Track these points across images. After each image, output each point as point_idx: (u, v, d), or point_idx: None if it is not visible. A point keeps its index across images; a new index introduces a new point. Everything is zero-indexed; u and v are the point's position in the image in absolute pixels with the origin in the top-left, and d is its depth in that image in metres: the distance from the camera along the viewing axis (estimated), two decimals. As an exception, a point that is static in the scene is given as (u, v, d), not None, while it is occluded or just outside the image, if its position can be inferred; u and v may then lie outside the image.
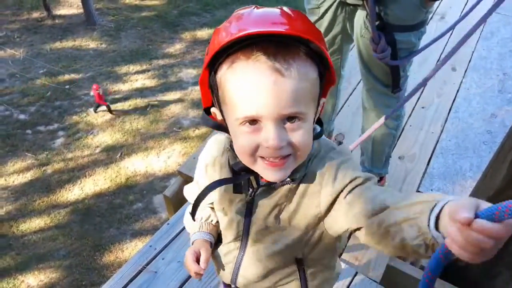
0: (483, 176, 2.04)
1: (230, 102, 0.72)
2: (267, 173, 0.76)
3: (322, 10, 1.82)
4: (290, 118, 0.71)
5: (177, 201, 2.39)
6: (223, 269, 1.03)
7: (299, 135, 0.73)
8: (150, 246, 1.95)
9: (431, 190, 2.46)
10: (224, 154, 0.90)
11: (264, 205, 0.87)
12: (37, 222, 3.53)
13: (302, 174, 0.82)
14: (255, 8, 0.74)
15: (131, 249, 3.33)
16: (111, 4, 6.45)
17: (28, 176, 3.89)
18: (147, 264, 1.86)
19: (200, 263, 0.96)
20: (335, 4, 1.79)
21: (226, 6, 6.54)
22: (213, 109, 0.81)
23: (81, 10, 5.97)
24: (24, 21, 5.94)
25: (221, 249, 1.02)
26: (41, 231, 3.47)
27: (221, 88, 0.73)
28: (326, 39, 1.91)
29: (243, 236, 0.93)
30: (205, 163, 0.95)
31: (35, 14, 5.96)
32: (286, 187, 0.84)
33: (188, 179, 2.45)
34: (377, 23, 1.61)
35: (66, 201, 3.69)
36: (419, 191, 2.44)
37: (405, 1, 1.60)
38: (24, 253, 3.32)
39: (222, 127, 0.81)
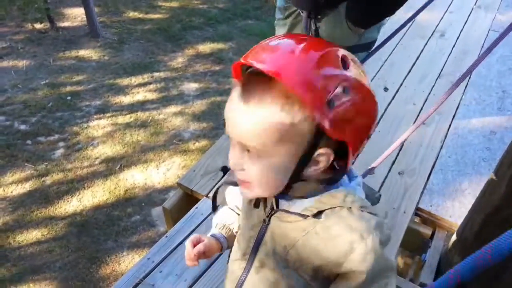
0: (481, 193, 2.05)
1: None
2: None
3: (288, 12, 1.90)
4: (247, 148, 0.73)
5: (176, 213, 2.38)
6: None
7: (253, 167, 0.74)
8: (148, 258, 1.94)
9: (431, 206, 2.45)
10: None
11: (277, 230, 0.85)
12: (34, 234, 3.50)
13: (319, 216, 0.79)
14: (281, 39, 0.76)
15: (128, 262, 3.30)
16: (115, 17, 6.52)
17: (26, 186, 3.88)
18: (145, 277, 1.84)
19: (194, 248, 0.97)
20: (298, 12, 1.86)
21: (228, 21, 6.61)
22: None
23: (85, 23, 6.03)
24: (28, 32, 5.99)
25: (230, 265, 1.00)
26: (38, 243, 3.45)
27: None
28: None
29: (250, 254, 0.90)
30: None
31: (39, 26, 6.01)
32: (303, 224, 0.81)
33: (188, 191, 2.44)
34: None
35: (64, 212, 3.68)
36: (419, 207, 2.43)
37: (335, 21, 1.64)
38: (20, 264, 3.29)
39: None
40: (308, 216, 0.79)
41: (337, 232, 0.77)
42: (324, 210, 0.79)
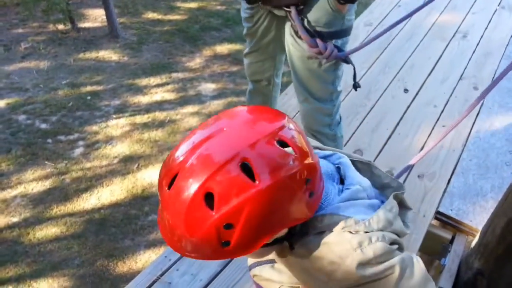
0: (504, 196, 2.00)
1: None
2: None
3: (255, 18, 1.90)
4: None
5: (193, 213, 2.38)
6: None
7: None
8: (165, 257, 1.95)
9: (451, 210, 2.41)
10: None
11: None
12: (53, 231, 3.56)
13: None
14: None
15: (145, 261, 3.33)
16: (135, 18, 6.59)
17: (46, 184, 3.95)
18: (162, 274, 1.85)
19: None
20: (267, 12, 1.86)
21: (246, 22, 6.62)
22: None
23: (105, 24, 6.11)
24: (50, 33, 6.10)
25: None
26: (57, 240, 3.50)
27: None
28: (259, 45, 2.01)
29: None
30: None
31: (60, 27, 6.12)
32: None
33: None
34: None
35: (82, 210, 3.73)
36: (439, 211, 2.39)
37: (319, 8, 1.65)
38: (40, 260, 3.34)
39: None
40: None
41: (319, 254, 0.80)
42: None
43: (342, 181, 0.90)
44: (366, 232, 0.78)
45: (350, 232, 0.78)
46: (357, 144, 2.61)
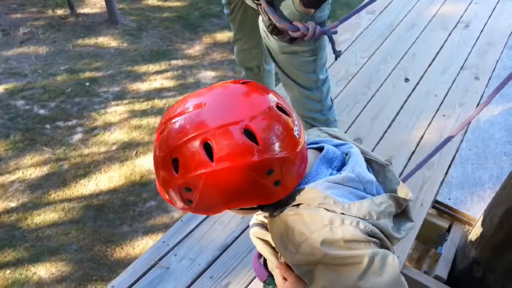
0: (502, 186, 2.00)
1: None
2: None
3: (232, 5, 1.89)
4: None
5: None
6: None
7: None
8: (163, 242, 1.95)
9: (449, 199, 2.41)
10: None
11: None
12: (51, 216, 3.56)
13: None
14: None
15: (142, 247, 3.34)
16: (134, 4, 6.53)
17: (45, 170, 3.94)
18: (160, 259, 1.86)
19: None
20: (241, 2, 1.83)
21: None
22: None
23: (105, 9, 6.06)
24: (49, 18, 6.05)
25: None
26: (55, 225, 3.51)
27: None
28: (243, 33, 2.02)
29: None
30: None
31: (59, 12, 6.07)
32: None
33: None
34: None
35: (80, 196, 3.73)
36: (437, 200, 2.39)
37: (286, 8, 1.61)
38: (38, 245, 3.35)
39: None
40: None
41: (292, 224, 0.82)
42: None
43: None
44: (342, 214, 0.78)
45: (326, 209, 0.79)
46: (357, 132, 2.61)
